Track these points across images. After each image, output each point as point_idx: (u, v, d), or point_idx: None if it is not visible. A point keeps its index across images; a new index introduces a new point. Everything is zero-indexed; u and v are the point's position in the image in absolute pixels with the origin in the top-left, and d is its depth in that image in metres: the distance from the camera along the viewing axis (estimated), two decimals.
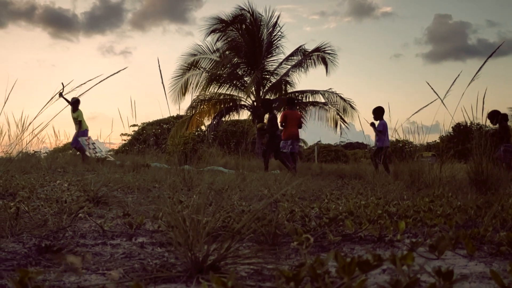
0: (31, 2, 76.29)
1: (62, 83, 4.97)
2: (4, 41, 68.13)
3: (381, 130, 10.93)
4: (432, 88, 5.45)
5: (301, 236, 2.34)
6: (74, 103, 12.52)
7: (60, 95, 12.03)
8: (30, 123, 4.95)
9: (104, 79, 4.12)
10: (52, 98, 4.21)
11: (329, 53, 24.15)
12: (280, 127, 11.66)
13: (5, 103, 4.13)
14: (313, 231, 2.40)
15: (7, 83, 4.44)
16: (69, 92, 4.26)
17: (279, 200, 4.20)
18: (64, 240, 2.17)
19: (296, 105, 13.04)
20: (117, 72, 4.21)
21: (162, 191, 4.92)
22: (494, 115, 10.18)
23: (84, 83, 4.25)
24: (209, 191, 4.33)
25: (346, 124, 23.97)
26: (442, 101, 5.30)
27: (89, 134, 13.09)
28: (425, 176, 6.22)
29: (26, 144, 6.13)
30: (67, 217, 2.56)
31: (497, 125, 10.38)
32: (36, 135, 5.21)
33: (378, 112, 11.21)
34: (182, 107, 25.75)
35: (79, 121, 12.78)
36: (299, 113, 13.57)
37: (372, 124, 11.09)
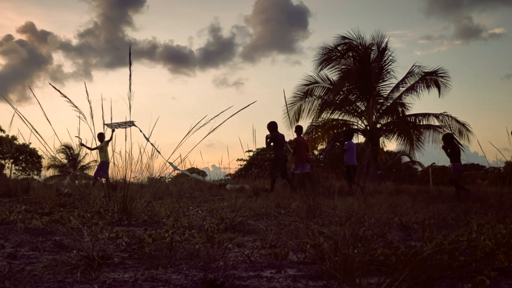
0: (152, 42, 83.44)
1: (78, 137, 5.40)
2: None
3: (346, 149, 12.30)
4: None
5: (456, 270, 2.25)
6: (100, 136, 12.91)
7: (81, 144, 12.82)
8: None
9: (236, 113, 4.38)
10: (188, 132, 4.49)
11: (441, 76, 23.67)
12: (291, 151, 12.50)
13: (148, 139, 4.46)
14: (466, 265, 2.30)
15: (150, 120, 4.81)
16: (204, 124, 4.54)
17: (413, 228, 4.08)
18: (220, 271, 2.26)
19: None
20: (247, 106, 4.48)
21: (290, 218, 4.99)
22: (448, 138, 11.51)
23: (217, 115, 4.51)
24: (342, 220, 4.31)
25: (460, 146, 23.03)
26: None
27: (208, 160, 13.67)
28: None
29: (159, 171, 6.60)
30: (217, 247, 2.68)
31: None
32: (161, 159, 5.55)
33: (350, 134, 13.02)
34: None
35: (104, 150, 13.27)
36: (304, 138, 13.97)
37: (340, 143, 12.72)
